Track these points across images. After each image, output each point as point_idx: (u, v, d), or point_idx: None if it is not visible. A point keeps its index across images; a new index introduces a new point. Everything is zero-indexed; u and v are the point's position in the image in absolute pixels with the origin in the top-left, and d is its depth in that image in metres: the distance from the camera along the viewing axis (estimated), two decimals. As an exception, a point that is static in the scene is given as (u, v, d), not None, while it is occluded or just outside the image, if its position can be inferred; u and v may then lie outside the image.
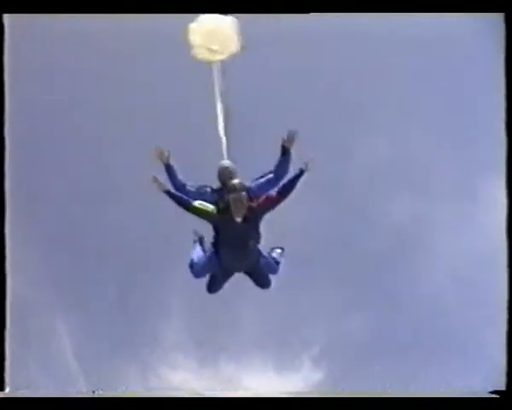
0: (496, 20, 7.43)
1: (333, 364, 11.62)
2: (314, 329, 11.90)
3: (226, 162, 7.92)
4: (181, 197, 7.43)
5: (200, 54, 7.33)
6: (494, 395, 6.88)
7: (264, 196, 7.42)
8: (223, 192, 7.57)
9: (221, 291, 7.89)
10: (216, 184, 7.86)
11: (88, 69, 10.37)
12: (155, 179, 7.34)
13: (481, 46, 9.52)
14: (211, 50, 7.35)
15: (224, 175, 7.73)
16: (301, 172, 7.25)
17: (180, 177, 7.85)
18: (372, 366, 11.23)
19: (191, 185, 7.87)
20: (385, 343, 11.78)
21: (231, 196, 7.29)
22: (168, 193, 7.39)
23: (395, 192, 11.56)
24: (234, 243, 7.59)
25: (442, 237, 11.74)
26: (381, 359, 11.44)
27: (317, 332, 11.92)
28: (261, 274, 7.97)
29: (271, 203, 7.36)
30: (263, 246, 7.65)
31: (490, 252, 9.30)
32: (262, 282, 8.03)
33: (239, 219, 7.37)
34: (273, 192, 7.43)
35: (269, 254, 8.03)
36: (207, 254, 7.84)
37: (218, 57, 7.41)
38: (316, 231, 11.64)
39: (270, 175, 7.72)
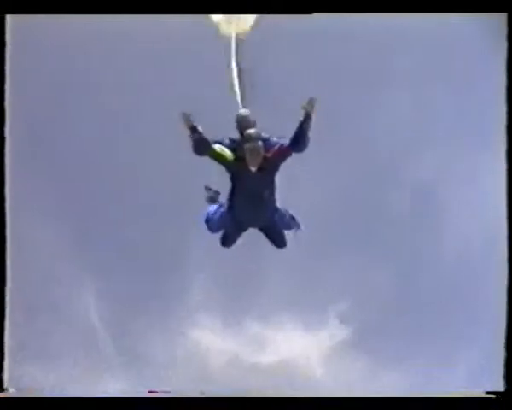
0: (498, 20, 7.42)
1: (359, 321, 11.60)
2: (340, 286, 11.84)
3: (244, 111, 7.93)
4: (202, 138, 7.26)
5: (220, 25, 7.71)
6: (494, 396, 6.85)
7: (277, 147, 7.40)
8: (240, 142, 7.54)
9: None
10: (235, 135, 7.78)
11: (88, 69, 10.38)
12: (185, 115, 7.20)
13: (483, 46, 9.50)
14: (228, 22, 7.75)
15: (242, 124, 7.72)
16: (307, 116, 7.18)
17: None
18: (397, 322, 11.25)
19: (211, 139, 7.65)
20: (409, 300, 11.75)
21: (247, 145, 7.30)
22: (193, 129, 7.21)
23: (419, 150, 11.49)
24: (249, 193, 7.58)
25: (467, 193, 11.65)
26: (406, 315, 11.47)
27: (344, 289, 11.86)
28: (276, 231, 7.94)
29: (285, 153, 7.32)
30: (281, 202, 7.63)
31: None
32: (277, 240, 7.98)
33: (254, 169, 7.38)
34: (286, 143, 7.33)
35: (285, 210, 7.85)
36: (222, 209, 7.81)
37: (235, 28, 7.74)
38: (338, 189, 11.59)
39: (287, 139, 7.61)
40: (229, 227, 7.95)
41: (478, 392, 6.90)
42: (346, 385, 11.11)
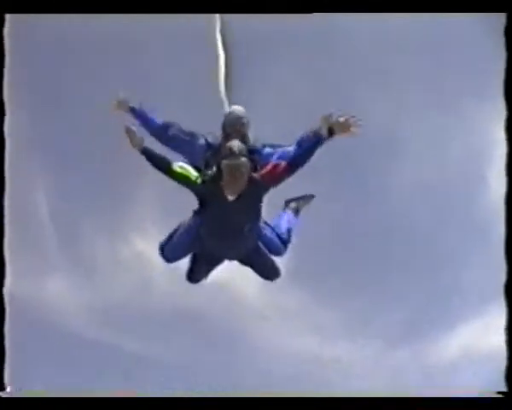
0: (497, 20, 7.41)
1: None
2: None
3: (239, 110, 5.97)
4: (159, 158, 5.68)
5: None
6: (494, 396, 6.85)
7: (270, 165, 5.64)
8: (219, 152, 5.60)
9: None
10: (215, 137, 6.01)
11: (88, 69, 10.36)
12: (129, 131, 5.70)
13: (482, 46, 9.51)
14: None
15: (233, 127, 5.84)
16: (321, 140, 5.54)
17: (156, 118, 6.19)
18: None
19: (178, 129, 6.12)
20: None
21: (225, 162, 5.39)
22: (145, 152, 5.68)
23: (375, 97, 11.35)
24: (222, 225, 5.68)
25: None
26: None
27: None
28: (263, 262, 6.18)
29: (279, 175, 5.60)
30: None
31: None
32: (266, 272, 6.28)
33: (231, 197, 5.53)
34: (283, 161, 5.65)
35: (276, 224, 6.20)
36: (187, 234, 5.94)
37: None
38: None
39: (291, 148, 6.00)
40: (196, 259, 6.22)
41: (480, 392, 6.90)
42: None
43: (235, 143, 5.50)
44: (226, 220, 5.68)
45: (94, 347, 11.56)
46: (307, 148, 5.66)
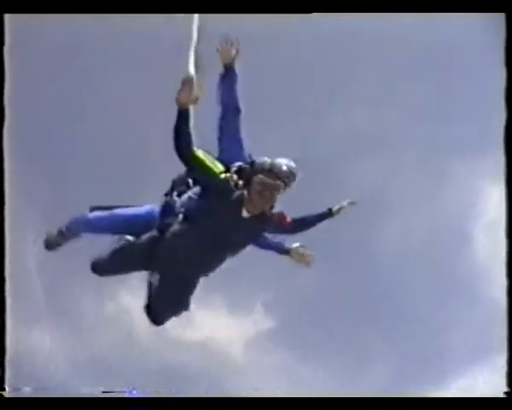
0: (496, 20, 7.41)
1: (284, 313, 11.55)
2: (267, 275, 11.68)
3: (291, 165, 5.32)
4: (188, 134, 5.09)
5: None
6: (494, 396, 6.85)
7: (279, 213, 5.54)
8: (252, 167, 5.24)
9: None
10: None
11: (88, 69, 10.37)
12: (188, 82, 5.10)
13: (481, 46, 9.51)
14: None
15: (279, 174, 5.17)
16: (329, 215, 6.13)
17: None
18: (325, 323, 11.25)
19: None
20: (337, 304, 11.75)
21: (260, 177, 5.10)
22: (186, 115, 5.08)
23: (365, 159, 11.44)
24: (216, 235, 5.13)
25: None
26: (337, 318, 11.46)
27: (270, 279, 11.71)
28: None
29: (284, 223, 5.62)
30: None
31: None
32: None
33: (246, 215, 5.22)
34: (288, 217, 5.73)
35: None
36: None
37: None
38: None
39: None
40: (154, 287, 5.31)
41: (480, 393, 6.90)
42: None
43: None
44: (223, 232, 5.20)
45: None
46: (314, 217, 6.07)
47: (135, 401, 6.87)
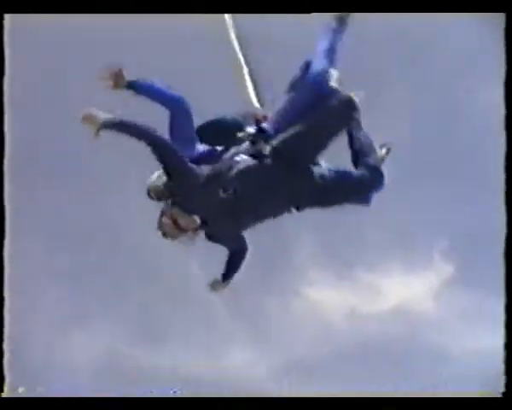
0: (496, 20, 7.42)
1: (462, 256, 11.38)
2: (438, 223, 11.51)
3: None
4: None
5: None
6: (493, 396, 6.85)
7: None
8: None
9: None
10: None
11: (88, 70, 10.37)
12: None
13: (481, 46, 9.52)
14: None
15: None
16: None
17: (167, 90, 5.37)
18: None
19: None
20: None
21: None
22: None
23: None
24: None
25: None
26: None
27: (442, 226, 11.53)
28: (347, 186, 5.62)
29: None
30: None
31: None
32: (361, 190, 5.70)
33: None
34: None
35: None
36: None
37: None
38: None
39: None
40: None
41: (479, 392, 6.90)
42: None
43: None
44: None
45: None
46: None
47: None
